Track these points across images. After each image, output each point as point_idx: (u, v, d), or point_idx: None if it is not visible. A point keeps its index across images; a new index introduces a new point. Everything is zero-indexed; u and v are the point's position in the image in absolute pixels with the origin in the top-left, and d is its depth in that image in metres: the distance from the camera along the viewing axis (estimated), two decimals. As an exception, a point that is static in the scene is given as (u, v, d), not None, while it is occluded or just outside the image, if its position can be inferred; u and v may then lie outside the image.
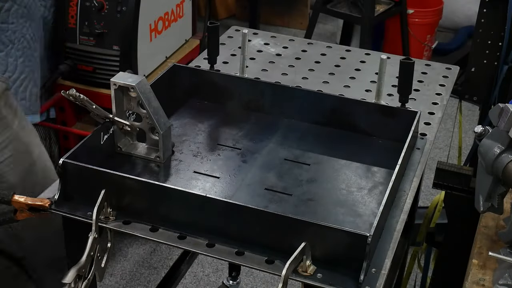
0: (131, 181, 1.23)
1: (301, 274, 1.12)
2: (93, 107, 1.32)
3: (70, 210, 1.25)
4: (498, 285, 1.26)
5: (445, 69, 1.90)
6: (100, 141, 1.38)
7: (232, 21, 5.08)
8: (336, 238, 1.12)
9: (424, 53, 4.51)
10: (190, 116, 1.60)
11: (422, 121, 1.59)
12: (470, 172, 1.84)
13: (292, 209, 1.29)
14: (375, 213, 1.25)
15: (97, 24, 2.52)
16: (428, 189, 3.10)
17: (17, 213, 1.30)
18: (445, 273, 2.05)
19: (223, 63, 1.84)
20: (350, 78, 1.82)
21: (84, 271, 1.14)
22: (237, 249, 1.17)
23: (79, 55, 2.59)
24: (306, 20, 5.06)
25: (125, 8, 2.50)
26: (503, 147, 1.24)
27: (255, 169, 1.42)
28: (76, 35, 2.57)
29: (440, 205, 2.14)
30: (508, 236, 1.32)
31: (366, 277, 1.12)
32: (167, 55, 2.89)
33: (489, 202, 1.31)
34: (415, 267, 2.34)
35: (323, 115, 1.55)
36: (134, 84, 1.32)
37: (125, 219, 1.24)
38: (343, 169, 1.43)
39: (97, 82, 2.60)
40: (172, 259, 2.83)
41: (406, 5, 4.09)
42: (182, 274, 2.05)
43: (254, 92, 1.60)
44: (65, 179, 1.26)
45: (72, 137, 2.70)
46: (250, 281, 2.77)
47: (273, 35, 2.07)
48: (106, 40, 2.54)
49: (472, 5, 3.87)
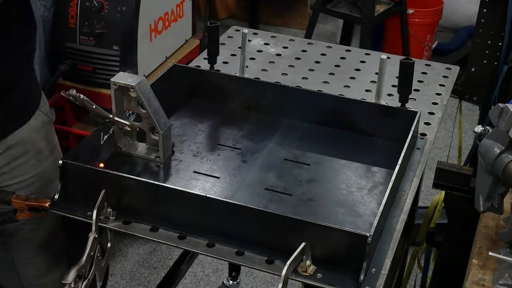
0: (131, 181, 1.23)
1: (301, 274, 1.12)
2: (93, 107, 1.32)
3: (70, 210, 1.25)
4: (498, 285, 1.26)
5: (445, 69, 1.90)
6: (100, 141, 1.38)
7: (232, 21, 5.08)
8: (336, 238, 1.12)
9: (424, 53, 4.51)
10: (190, 116, 1.60)
11: (422, 121, 1.59)
12: (470, 172, 1.84)
13: (292, 209, 1.29)
14: (375, 213, 1.25)
15: (97, 24, 2.52)
16: (428, 189, 3.10)
17: (17, 213, 1.30)
18: (445, 273, 2.05)
19: (223, 63, 1.84)
20: (350, 78, 1.82)
21: (84, 271, 1.14)
22: (237, 249, 1.17)
23: (79, 55, 2.58)
24: (306, 20, 5.06)
25: (125, 8, 2.50)
26: (503, 147, 1.24)
27: (255, 169, 1.42)
28: (76, 35, 2.56)
29: (440, 205, 2.14)
30: (508, 236, 1.32)
31: (366, 277, 1.12)
32: (167, 55, 2.89)
33: (489, 202, 1.31)
34: (415, 267, 2.34)
35: (323, 115, 1.55)
36: (134, 84, 1.32)
37: (125, 219, 1.24)
38: (343, 169, 1.43)
39: (97, 82, 2.60)
40: (172, 259, 2.83)
41: (406, 5, 4.09)
42: (182, 274, 2.05)
43: (254, 92, 1.60)
44: (65, 179, 1.26)
45: (72, 137, 2.70)
46: (250, 281, 2.77)
47: (273, 35, 2.07)
48: (106, 40, 2.53)
49: (472, 5, 3.87)
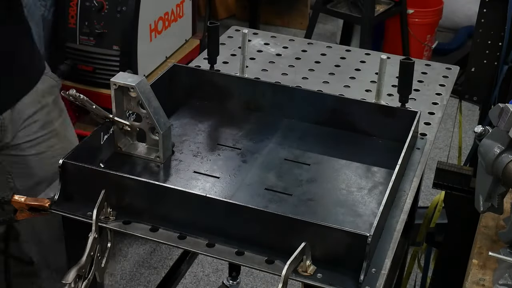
0: (131, 181, 1.23)
1: (301, 274, 1.12)
2: (93, 107, 1.32)
3: (70, 210, 1.25)
4: (498, 285, 1.26)
5: (445, 69, 1.90)
6: (100, 141, 1.38)
7: (232, 21, 5.08)
8: (336, 238, 1.12)
9: (424, 53, 4.51)
10: (190, 116, 1.60)
11: (422, 121, 1.59)
12: (470, 172, 1.84)
13: (292, 209, 1.29)
14: (375, 213, 1.25)
15: (97, 24, 2.52)
16: (428, 189, 3.10)
17: (17, 213, 1.30)
18: (445, 273, 2.05)
19: (223, 63, 1.84)
20: (350, 78, 1.82)
21: (84, 271, 1.14)
22: (237, 249, 1.17)
23: (79, 55, 2.59)
24: (306, 20, 5.06)
25: (125, 8, 2.50)
26: (503, 147, 1.24)
27: (255, 169, 1.42)
28: (76, 35, 2.56)
29: (440, 205, 2.14)
30: (508, 236, 1.32)
31: (366, 277, 1.12)
32: (167, 55, 2.89)
33: (489, 202, 1.31)
34: (415, 267, 2.34)
35: (323, 115, 1.55)
36: (134, 84, 1.32)
37: (125, 219, 1.24)
38: (343, 169, 1.43)
39: (97, 82, 2.60)
40: (172, 259, 2.83)
41: (406, 5, 4.09)
42: (182, 274, 2.05)
43: (254, 92, 1.60)
44: (65, 179, 1.26)
45: (72, 137, 2.70)
46: (250, 281, 2.77)
47: (273, 35, 2.07)
48: (106, 40, 2.54)
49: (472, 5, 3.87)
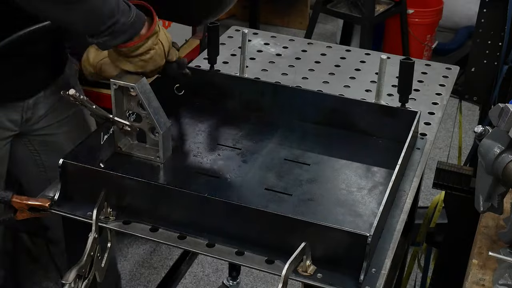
0: (131, 181, 1.23)
1: (301, 274, 1.12)
2: (93, 107, 1.32)
3: (70, 210, 1.25)
4: (498, 285, 1.26)
5: (445, 69, 1.90)
6: (100, 141, 1.38)
7: (232, 21, 5.07)
8: (336, 238, 1.12)
9: (424, 53, 4.51)
10: (190, 116, 1.60)
11: (422, 121, 1.59)
12: (470, 172, 1.84)
13: (292, 209, 1.29)
14: (375, 213, 1.25)
15: (97, 24, 2.52)
16: (428, 189, 3.10)
17: (17, 213, 1.30)
18: (445, 273, 2.05)
19: (223, 63, 1.84)
20: (350, 78, 1.82)
21: (84, 271, 1.14)
22: (237, 249, 1.17)
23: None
24: (306, 20, 5.05)
25: (125, 8, 2.49)
26: (503, 147, 1.24)
27: (255, 169, 1.42)
28: (76, 35, 2.56)
29: (440, 205, 2.14)
30: (508, 236, 1.32)
31: (366, 277, 1.12)
32: (167, 55, 2.88)
33: (489, 202, 1.31)
34: (415, 267, 2.34)
35: (323, 115, 1.55)
36: (134, 84, 1.32)
37: (125, 219, 1.24)
38: (343, 169, 1.43)
39: (97, 82, 2.60)
40: (172, 259, 2.83)
41: (406, 5, 4.09)
42: (182, 274, 2.05)
43: (254, 92, 1.60)
44: (65, 179, 1.26)
45: (72, 137, 2.70)
46: (250, 281, 2.77)
47: (273, 35, 2.07)
48: (106, 40, 2.53)
49: (472, 5, 3.87)
